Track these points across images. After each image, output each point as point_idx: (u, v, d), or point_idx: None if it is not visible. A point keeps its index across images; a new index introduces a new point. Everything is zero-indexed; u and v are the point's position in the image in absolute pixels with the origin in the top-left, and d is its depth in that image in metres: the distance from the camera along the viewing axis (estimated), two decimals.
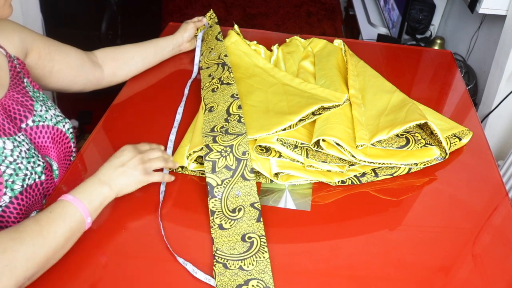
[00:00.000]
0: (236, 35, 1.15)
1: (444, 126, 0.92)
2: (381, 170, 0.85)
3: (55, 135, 0.84)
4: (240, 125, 0.85)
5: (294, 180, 0.83)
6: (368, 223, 0.78)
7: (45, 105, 0.84)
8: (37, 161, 0.78)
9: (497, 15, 1.45)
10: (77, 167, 0.86)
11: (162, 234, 0.73)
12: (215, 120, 0.87)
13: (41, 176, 0.78)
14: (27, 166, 0.76)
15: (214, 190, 0.77)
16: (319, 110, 0.86)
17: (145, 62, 1.08)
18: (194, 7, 3.11)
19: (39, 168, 0.78)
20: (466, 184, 0.86)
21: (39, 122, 0.82)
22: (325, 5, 3.28)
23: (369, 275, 0.69)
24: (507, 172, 1.37)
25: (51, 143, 0.84)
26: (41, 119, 0.82)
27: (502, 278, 0.69)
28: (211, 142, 0.82)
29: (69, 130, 0.88)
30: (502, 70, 1.40)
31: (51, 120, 0.84)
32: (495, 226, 0.78)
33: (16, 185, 0.74)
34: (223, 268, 0.68)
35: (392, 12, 1.96)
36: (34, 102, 0.82)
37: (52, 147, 0.84)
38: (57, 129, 0.85)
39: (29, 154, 0.76)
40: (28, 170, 0.76)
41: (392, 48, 1.33)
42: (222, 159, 0.80)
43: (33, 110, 0.81)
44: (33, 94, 0.83)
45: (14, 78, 0.81)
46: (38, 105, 0.82)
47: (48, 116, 0.83)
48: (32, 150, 0.78)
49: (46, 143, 0.83)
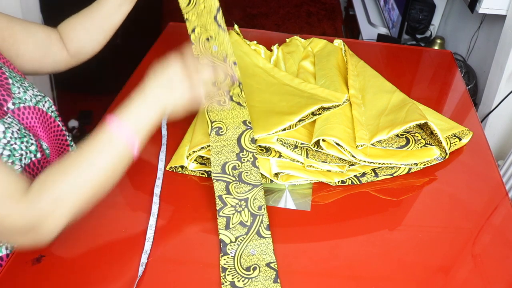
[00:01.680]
0: (236, 35, 1.15)
1: (444, 126, 0.92)
2: (381, 170, 0.85)
3: (37, 115, 0.82)
4: (255, 170, 0.79)
5: (294, 180, 0.83)
6: (368, 223, 0.78)
7: (22, 86, 0.81)
8: (29, 140, 0.75)
9: (497, 15, 1.45)
10: None
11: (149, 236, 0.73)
12: (225, 152, 0.80)
13: (37, 154, 0.76)
14: (21, 146, 0.74)
15: (227, 248, 0.72)
16: (318, 110, 0.86)
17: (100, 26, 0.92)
18: None
19: (32, 147, 0.76)
20: (466, 184, 0.86)
21: (20, 103, 0.78)
22: (325, 5, 3.28)
23: (369, 275, 0.69)
24: (507, 172, 1.37)
25: (37, 122, 0.81)
26: (20, 101, 0.79)
27: (502, 278, 0.69)
28: (224, 192, 0.76)
29: (50, 109, 0.85)
30: (502, 70, 1.40)
31: (31, 100, 0.81)
32: (495, 226, 0.78)
33: (16, 166, 0.72)
34: None
35: (392, 12, 1.96)
36: (11, 84, 0.79)
37: (38, 126, 0.82)
38: (38, 109, 0.82)
39: (21, 134, 0.74)
40: (23, 150, 0.74)
41: (392, 48, 1.33)
42: (237, 215, 0.75)
43: (12, 93, 0.78)
44: (10, 75, 0.80)
45: None
46: (15, 88, 0.79)
47: (27, 97, 0.80)
48: (23, 130, 0.76)
49: (31, 123, 0.80)
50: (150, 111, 0.67)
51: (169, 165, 0.85)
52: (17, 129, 0.74)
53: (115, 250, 0.71)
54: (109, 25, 0.91)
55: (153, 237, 0.73)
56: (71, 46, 0.92)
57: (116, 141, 0.65)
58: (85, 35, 0.91)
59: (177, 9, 0.81)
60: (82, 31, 0.91)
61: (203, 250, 0.72)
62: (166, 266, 0.69)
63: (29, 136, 0.76)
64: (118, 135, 0.65)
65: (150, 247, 0.71)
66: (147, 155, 0.88)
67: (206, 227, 0.75)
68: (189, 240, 0.74)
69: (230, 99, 0.81)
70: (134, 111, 0.67)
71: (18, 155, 0.72)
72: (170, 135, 0.93)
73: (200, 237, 0.74)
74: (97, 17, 0.90)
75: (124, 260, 0.70)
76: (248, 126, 0.81)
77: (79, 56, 0.93)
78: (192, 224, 0.77)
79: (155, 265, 0.69)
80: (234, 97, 0.81)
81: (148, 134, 0.68)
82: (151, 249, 0.71)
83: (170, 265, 0.70)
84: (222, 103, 0.80)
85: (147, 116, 0.67)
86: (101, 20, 0.90)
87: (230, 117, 0.82)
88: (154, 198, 0.78)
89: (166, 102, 0.69)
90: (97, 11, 0.89)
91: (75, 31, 0.91)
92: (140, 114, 0.67)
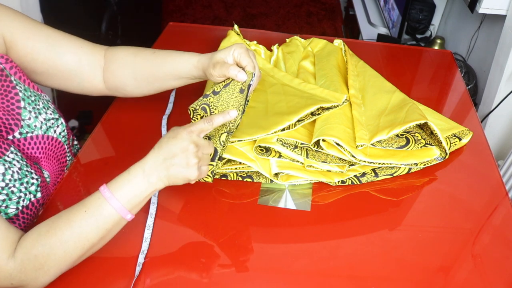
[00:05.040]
0: (236, 35, 1.15)
1: (444, 126, 0.92)
2: (381, 170, 0.85)
3: (45, 144, 0.79)
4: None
5: (294, 180, 0.83)
6: (368, 223, 0.78)
7: (36, 108, 0.77)
8: (30, 180, 0.73)
9: (497, 15, 1.45)
10: (77, 168, 0.86)
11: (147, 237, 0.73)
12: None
13: (37, 194, 0.74)
14: (20, 188, 0.71)
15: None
16: (318, 110, 0.86)
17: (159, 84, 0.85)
18: (194, 7, 3.11)
19: (33, 187, 0.73)
20: (466, 184, 0.86)
21: (27, 133, 0.75)
22: (325, 5, 3.28)
23: (369, 275, 0.69)
24: (507, 172, 1.37)
25: (41, 153, 0.78)
26: (29, 130, 0.75)
27: (502, 278, 0.69)
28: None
29: (62, 133, 0.82)
30: (502, 70, 1.40)
31: (41, 128, 0.77)
32: (495, 226, 0.78)
33: (10, 209, 0.70)
34: None
35: (392, 12, 1.96)
36: (22, 108, 0.75)
37: (42, 157, 0.79)
38: (47, 137, 0.79)
39: (21, 174, 0.71)
40: (22, 192, 0.71)
41: (392, 48, 1.33)
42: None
43: (21, 120, 0.74)
44: (24, 95, 0.75)
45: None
46: (26, 112, 0.75)
47: (38, 124, 0.77)
48: (25, 167, 0.72)
49: (36, 153, 0.77)
50: (146, 182, 0.65)
51: None
52: (18, 168, 0.71)
53: (112, 250, 0.71)
54: (161, 86, 0.84)
55: (150, 237, 0.73)
56: (112, 81, 0.85)
57: (106, 215, 0.64)
58: (132, 81, 0.84)
59: (177, 9, 0.81)
60: (130, 76, 0.84)
61: (200, 250, 0.72)
62: (163, 266, 0.69)
63: (30, 175, 0.73)
64: (110, 209, 0.64)
65: (148, 247, 0.71)
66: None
67: (204, 227, 0.75)
68: (186, 241, 0.74)
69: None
70: (130, 182, 0.65)
71: (16, 198, 0.70)
72: None
73: (198, 237, 0.74)
74: (154, 72, 0.82)
75: (121, 259, 0.70)
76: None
77: (116, 92, 0.88)
78: (189, 224, 0.76)
79: (152, 265, 0.69)
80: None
81: (144, 203, 0.67)
82: (148, 249, 0.71)
83: (167, 265, 0.70)
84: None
85: (143, 189, 0.65)
86: (156, 78, 0.83)
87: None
88: (152, 198, 0.78)
89: (164, 182, 0.67)
90: (158, 67, 0.82)
91: (123, 73, 0.84)
92: (135, 185, 0.65)
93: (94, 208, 0.64)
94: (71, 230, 0.62)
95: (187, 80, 0.83)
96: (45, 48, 0.79)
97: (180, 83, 0.84)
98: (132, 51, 0.84)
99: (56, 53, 0.80)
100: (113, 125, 0.96)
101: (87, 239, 0.63)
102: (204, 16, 3.08)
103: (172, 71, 0.81)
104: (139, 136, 0.92)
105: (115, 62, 0.84)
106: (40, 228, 0.63)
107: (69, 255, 0.63)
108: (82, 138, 1.83)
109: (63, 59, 0.80)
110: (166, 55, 0.82)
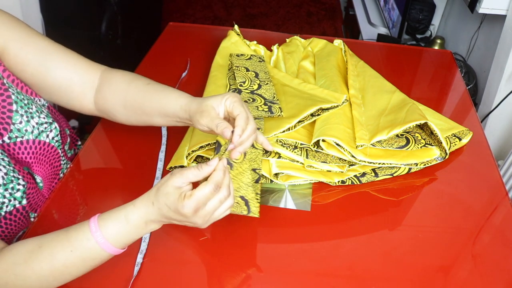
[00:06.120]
0: (236, 36, 1.15)
1: (444, 126, 0.92)
2: (381, 170, 0.85)
3: (37, 149, 0.76)
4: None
5: (294, 180, 0.83)
6: (368, 223, 0.78)
7: (28, 112, 0.74)
8: (16, 186, 0.70)
9: (497, 15, 1.45)
10: (77, 169, 0.86)
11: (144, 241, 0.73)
12: None
13: (22, 201, 0.72)
14: (4, 194, 0.68)
15: (221, 148, 0.71)
16: (317, 111, 0.86)
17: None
18: (194, 7, 3.11)
19: (18, 193, 0.70)
20: (466, 184, 0.86)
21: (17, 138, 0.73)
22: (325, 5, 3.28)
23: (369, 275, 0.69)
24: (507, 172, 1.37)
25: (33, 158, 0.75)
26: (19, 134, 0.73)
27: (502, 278, 0.69)
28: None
29: (55, 138, 0.79)
30: (502, 70, 1.40)
31: (32, 132, 0.74)
32: (495, 226, 0.78)
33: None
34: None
35: (392, 12, 1.96)
36: (14, 111, 0.72)
37: (34, 162, 0.76)
38: (38, 142, 0.76)
39: (7, 180, 0.69)
40: (6, 197, 0.69)
41: (392, 48, 1.33)
42: None
43: (11, 124, 0.72)
44: (16, 98, 0.73)
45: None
46: (18, 116, 0.73)
47: (29, 128, 0.74)
48: (11, 173, 0.70)
49: (27, 158, 0.75)
50: (147, 228, 0.62)
51: (168, 165, 0.85)
52: (4, 172, 0.69)
53: None
54: (148, 121, 0.79)
55: (149, 237, 0.73)
56: (102, 104, 0.81)
57: (96, 257, 0.61)
58: (122, 109, 0.79)
59: (177, 9, 0.81)
60: (120, 103, 0.79)
61: (199, 251, 0.72)
62: (162, 267, 0.69)
63: (16, 180, 0.70)
64: (101, 252, 0.61)
65: (146, 247, 0.71)
66: (146, 155, 0.88)
67: (202, 228, 0.75)
68: (184, 241, 0.74)
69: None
70: (128, 231, 0.61)
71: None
72: (170, 135, 0.93)
73: (196, 237, 0.74)
74: (141, 104, 0.77)
75: (119, 259, 0.70)
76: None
77: (105, 116, 0.84)
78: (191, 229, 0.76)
79: (150, 265, 0.69)
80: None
81: (131, 243, 0.64)
82: (147, 249, 0.71)
83: (165, 266, 0.70)
84: None
85: (142, 233, 0.62)
86: (143, 111, 0.77)
87: None
88: None
89: (156, 225, 0.63)
90: (146, 100, 0.76)
91: (114, 98, 0.79)
92: (134, 233, 0.62)
93: (84, 249, 0.60)
94: (52, 267, 0.59)
95: (172, 120, 0.75)
96: (36, 60, 0.76)
97: (166, 122, 0.76)
98: (127, 78, 0.80)
99: (46, 67, 0.76)
100: (113, 125, 0.96)
101: (70, 275, 0.61)
102: (204, 16, 3.08)
103: (158, 107, 0.75)
104: (139, 136, 0.92)
105: (108, 86, 0.80)
106: (16, 256, 0.59)
107: (45, 287, 0.60)
108: (82, 138, 1.84)
109: (53, 75, 0.77)
110: (158, 89, 0.76)
